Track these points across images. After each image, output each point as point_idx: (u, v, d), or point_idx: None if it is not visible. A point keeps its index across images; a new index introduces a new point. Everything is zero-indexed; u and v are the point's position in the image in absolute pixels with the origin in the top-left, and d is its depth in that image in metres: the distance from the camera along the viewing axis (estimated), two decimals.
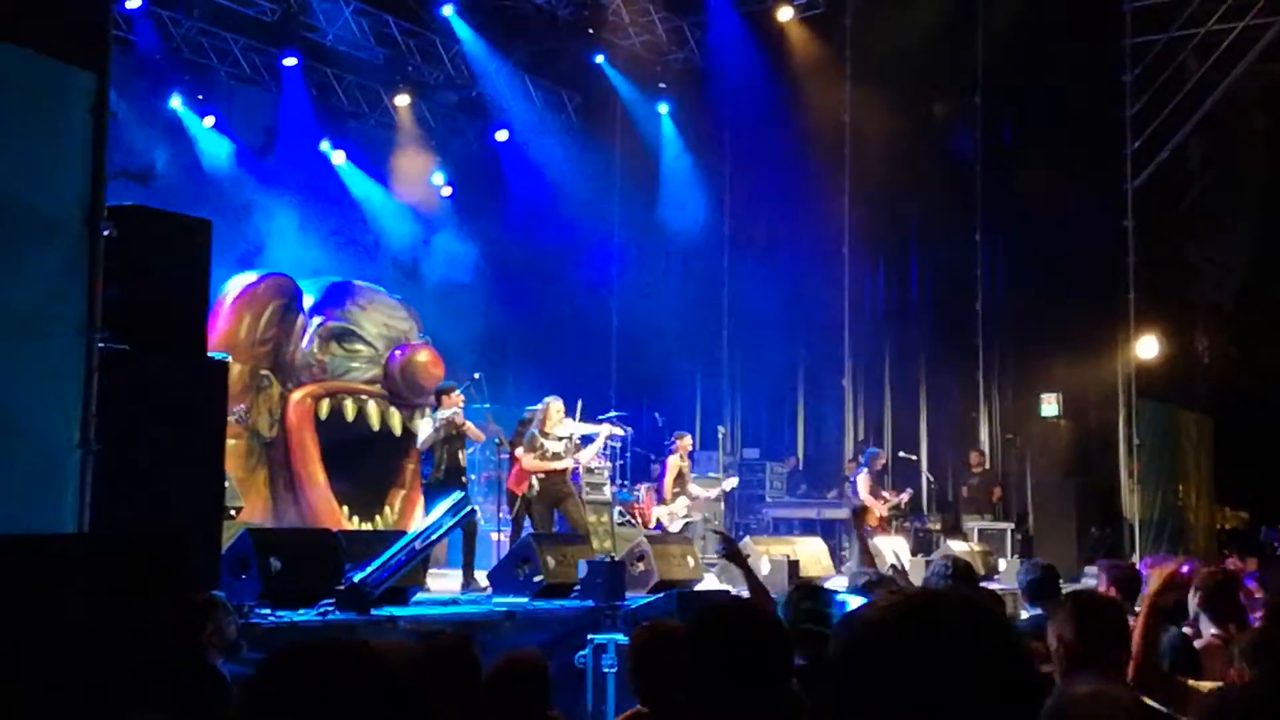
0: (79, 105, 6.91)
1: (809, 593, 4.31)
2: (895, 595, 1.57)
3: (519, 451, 11.93)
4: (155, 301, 7.67)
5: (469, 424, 11.54)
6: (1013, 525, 15.17)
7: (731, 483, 15.00)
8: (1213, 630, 5.20)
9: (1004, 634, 1.52)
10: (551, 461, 11.69)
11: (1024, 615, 6.73)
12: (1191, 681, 4.22)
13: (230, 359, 9.44)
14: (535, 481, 11.68)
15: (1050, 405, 15.60)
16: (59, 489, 6.60)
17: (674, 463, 13.90)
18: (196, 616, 5.57)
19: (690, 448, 14.29)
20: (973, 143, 17.04)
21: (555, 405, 11.95)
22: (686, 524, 13.84)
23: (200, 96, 15.77)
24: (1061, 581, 6.38)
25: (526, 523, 11.78)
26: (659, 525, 13.69)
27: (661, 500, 13.94)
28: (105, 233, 7.00)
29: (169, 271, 7.87)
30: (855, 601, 3.29)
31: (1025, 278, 16.16)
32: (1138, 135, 15.24)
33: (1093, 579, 8.65)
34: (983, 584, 8.24)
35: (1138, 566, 7.47)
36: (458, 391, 11.70)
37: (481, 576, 10.62)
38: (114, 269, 7.11)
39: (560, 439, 11.81)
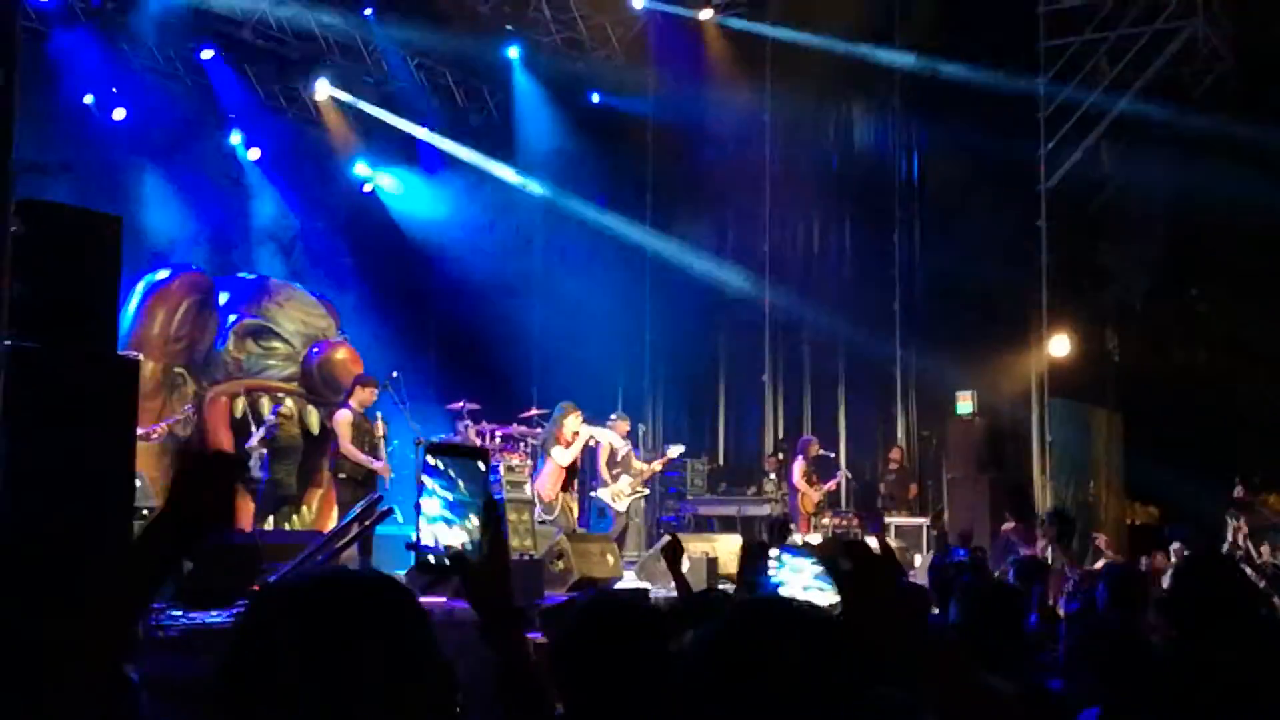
0: None
1: (755, 552, 4.23)
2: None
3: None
4: (64, 298, 7.53)
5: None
6: (928, 521, 15.40)
7: (676, 450, 14.95)
8: None
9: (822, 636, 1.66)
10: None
11: None
12: None
13: (141, 357, 9.32)
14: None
15: (965, 403, 15.82)
16: None
17: (604, 447, 13.83)
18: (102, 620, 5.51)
19: (627, 429, 14.21)
20: (890, 143, 17.26)
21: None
22: (633, 502, 13.83)
23: (114, 89, 15.50)
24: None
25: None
26: (609, 511, 13.61)
27: (602, 484, 13.87)
28: (12, 229, 6.89)
29: (78, 268, 7.72)
30: (795, 565, 3.25)
31: (941, 277, 16.39)
32: (1051, 137, 15.51)
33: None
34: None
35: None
36: (374, 388, 11.62)
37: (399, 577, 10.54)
38: (21, 265, 7.00)
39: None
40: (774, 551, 3.22)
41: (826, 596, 1.86)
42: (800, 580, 2.06)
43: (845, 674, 1.68)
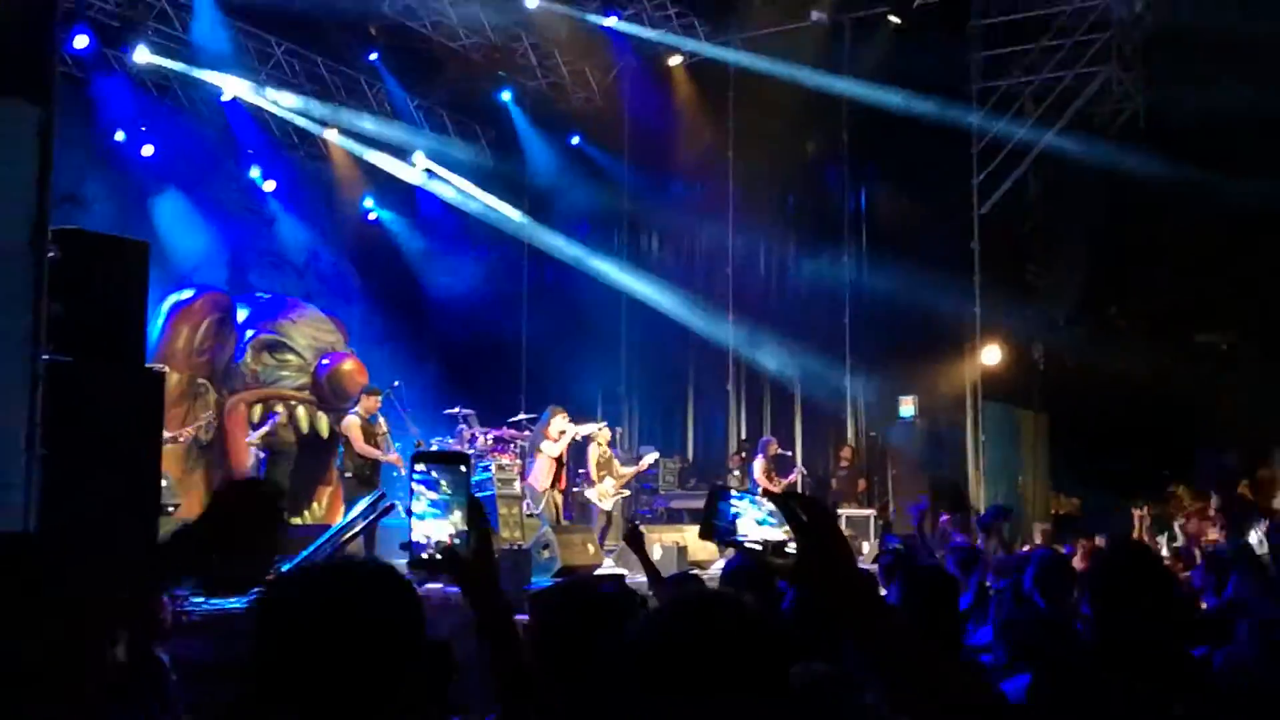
0: (28, 138, 6.78)
1: (715, 494, 4.18)
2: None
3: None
4: (97, 317, 7.53)
5: None
6: (875, 512, 15.45)
7: (652, 456, 14.94)
8: None
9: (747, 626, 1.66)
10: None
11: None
12: None
13: (167, 369, 9.31)
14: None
15: (908, 407, 15.89)
16: (7, 491, 6.47)
17: (592, 451, 13.89)
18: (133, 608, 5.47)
19: (608, 438, 14.24)
20: (841, 175, 17.34)
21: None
22: (616, 501, 13.89)
23: (144, 128, 15.43)
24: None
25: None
26: (593, 509, 13.67)
27: (591, 484, 13.92)
28: (50, 254, 6.88)
29: (109, 289, 7.72)
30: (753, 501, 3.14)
31: (886, 294, 16.43)
32: (983, 168, 15.60)
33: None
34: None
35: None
36: (378, 397, 11.64)
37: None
38: (58, 287, 6.99)
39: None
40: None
41: (777, 534, 1.87)
42: (755, 515, 2.07)
43: (769, 661, 1.69)
